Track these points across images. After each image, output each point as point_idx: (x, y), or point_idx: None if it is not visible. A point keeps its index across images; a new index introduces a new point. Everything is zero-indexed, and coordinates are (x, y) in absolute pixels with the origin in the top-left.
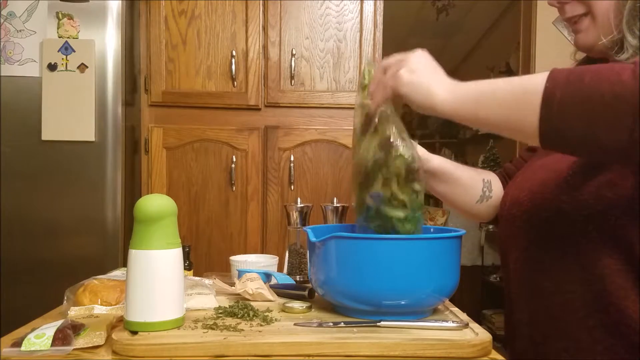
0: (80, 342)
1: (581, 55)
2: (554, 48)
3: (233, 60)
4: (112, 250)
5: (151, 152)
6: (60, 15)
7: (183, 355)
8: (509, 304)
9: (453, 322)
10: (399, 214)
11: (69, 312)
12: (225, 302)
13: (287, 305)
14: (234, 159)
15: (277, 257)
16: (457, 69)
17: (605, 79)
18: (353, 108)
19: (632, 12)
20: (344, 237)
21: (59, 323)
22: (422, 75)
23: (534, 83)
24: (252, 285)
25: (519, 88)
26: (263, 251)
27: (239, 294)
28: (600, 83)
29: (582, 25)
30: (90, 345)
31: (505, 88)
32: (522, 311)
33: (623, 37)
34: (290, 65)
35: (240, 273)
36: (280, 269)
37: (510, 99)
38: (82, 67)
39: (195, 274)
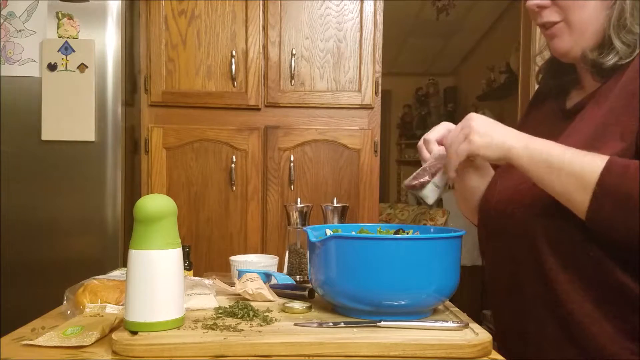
0: (73, 340)
1: (549, 54)
2: None
3: (233, 60)
4: (112, 250)
5: (151, 152)
6: (60, 15)
7: (183, 355)
8: (498, 308)
9: (453, 322)
10: None
11: (86, 309)
12: (225, 302)
13: (287, 305)
14: (234, 159)
15: (277, 257)
16: (457, 69)
17: None
18: (353, 108)
19: (619, 21)
20: (344, 237)
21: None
22: (494, 134)
23: (590, 171)
24: (252, 285)
25: (578, 170)
26: (263, 251)
27: (239, 294)
28: None
29: (555, 31)
30: (77, 344)
31: (570, 167)
32: (506, 311)
33: (606, 42)
34: (290, 65)
35: (240, 273)
36: (280, 269)
37: (570, 179)
38: (82, 67)
39: (195, 274)
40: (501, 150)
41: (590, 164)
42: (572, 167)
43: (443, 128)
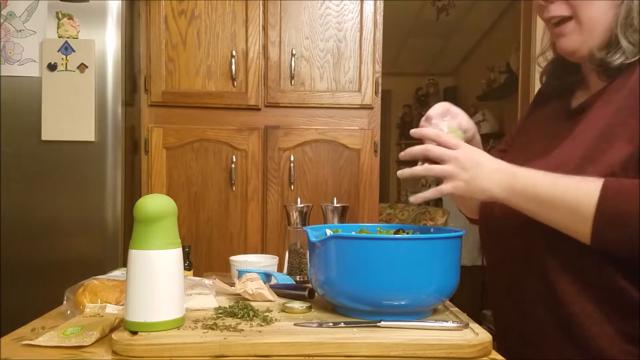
0: (73, 340)
1: (552, 54)
2: None
3: (233, 60)
4: (112, 250)
5: (151, 152)
6: (60, 15)
7: (183, 355)
8: (498, 307)
9: (453, 322)
10: None
11: (86, 309)
12: (225, 302)
13: (287, 305)
14: (234, 159)
15: (277, 257)
16: (457, 69)
17: None
18: (353, 108)
19: (626, 20)
20: (344, 237)
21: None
22: (477, 180)
23: (586, 202)
24: (252, 285)
25: (573, 203)
26: (263, 251)
27: (239, 294)
28: None
29: (565, 29)
30: (77, 344)
31: (562, 200)
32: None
33: (613, 41)
34: (290, 65)
35: (240, 273)
36: (280, 269)
37: (565, 212)
38: (82, 67)
39: (195, 274)
40: (485, 196)
41: (585, 194)
42: (566, 201)
43: (442, 106)
